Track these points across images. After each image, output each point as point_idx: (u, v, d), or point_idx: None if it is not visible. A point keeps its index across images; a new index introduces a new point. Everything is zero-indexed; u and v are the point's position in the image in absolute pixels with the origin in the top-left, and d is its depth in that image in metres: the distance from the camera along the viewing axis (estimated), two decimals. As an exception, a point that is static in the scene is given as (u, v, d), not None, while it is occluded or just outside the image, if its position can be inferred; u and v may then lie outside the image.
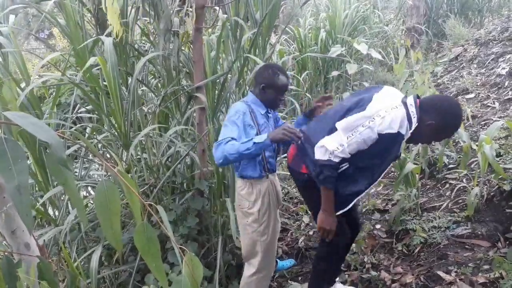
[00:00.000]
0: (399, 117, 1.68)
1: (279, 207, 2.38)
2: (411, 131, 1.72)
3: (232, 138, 1.91)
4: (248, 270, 2.23)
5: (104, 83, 2.30)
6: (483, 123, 3.38)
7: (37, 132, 0.65)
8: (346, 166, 1.83)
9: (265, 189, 2.14)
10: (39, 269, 1.16)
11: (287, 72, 2.23)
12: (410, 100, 1.75)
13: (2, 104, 1.70)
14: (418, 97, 1.83)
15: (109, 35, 2.27)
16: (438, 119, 1.72)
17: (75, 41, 2.26)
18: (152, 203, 0.99)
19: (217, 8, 3.07)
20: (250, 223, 2.15)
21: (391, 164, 2.34)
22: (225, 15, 3.01)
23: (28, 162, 2.32)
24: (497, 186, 2.49)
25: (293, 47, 5.67)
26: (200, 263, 0.94)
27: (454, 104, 1.78)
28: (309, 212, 3.44)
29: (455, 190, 2.78)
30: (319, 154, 1.76)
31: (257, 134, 2.08)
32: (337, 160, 1.75)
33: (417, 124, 1.71)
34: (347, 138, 1.73)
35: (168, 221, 2.30)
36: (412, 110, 1.72)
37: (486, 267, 2.09)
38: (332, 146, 1.73)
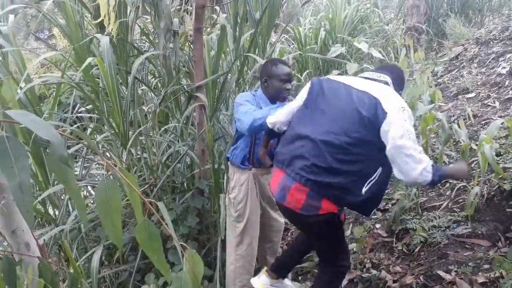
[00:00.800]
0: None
1: (273, 206, 2.39)
2: None
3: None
4: (228, 258, 2.34)
5: (104, 82, 2.30)
6: (483, 122, 3.37)
7: (38, 130, 0.65)
8: (379, 171, 1.66)
9: (245, 179, 2.22)
10: (39, 269, 1.17)
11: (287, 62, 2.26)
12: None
13: (2, 103, 1.70)
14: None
15: (109, 34, 2.27)
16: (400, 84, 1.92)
17: (75, 40, 2.26)
18: (153, 200, 1.00)
19: (217, 8, 3.06)
20: (228, 207, 2.30)
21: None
22: (225, 15, 3.01)
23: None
24: (497, 186, 2.49)
25: (293, 46, 5.67)
26: (201, 260, 0.95)
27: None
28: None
29: (455, 190, 2.78)
30: (422, 177, 1.60)
31: None
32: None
33: None
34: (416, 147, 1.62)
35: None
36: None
37: (486, 266, 2.09)
38: (423, 164, 1.60)
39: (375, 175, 1.65)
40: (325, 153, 1.62)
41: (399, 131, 1.59)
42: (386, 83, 1.81)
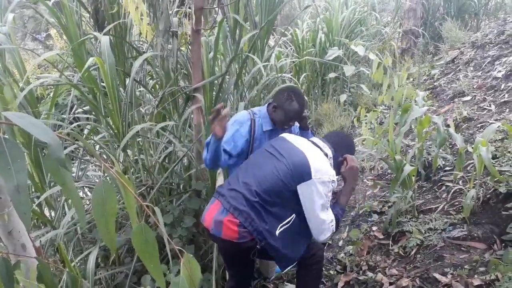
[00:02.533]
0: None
1: None
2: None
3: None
4: None
5: (102, 83, 2.30)
6: (479, 125, 3.39)
7: (36, 133, 0.65)
8: (293, 218, 1.85)
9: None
10: (38, 270, 1.16)
11: (304, 100, 2.24)
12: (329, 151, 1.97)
13: (3, 104, 1.69)
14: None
15: (107, 34, 2.27)
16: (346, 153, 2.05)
17: (74, 41, 2.26)
18: (150, 204, 1.00)
19: (216, 9, 3.07)
20: None
21: (387, 166, 2.34)
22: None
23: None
24: (493, 189, 2.50)
25: (290, 49, 5.69)
26: (198, 264, 0.94)
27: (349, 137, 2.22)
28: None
29: (451, 192, 2.79)
30: (323, 236, 1.88)
31: (249, 147, 2.20)
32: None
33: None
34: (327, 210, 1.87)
35: (166, 223, 2.31)
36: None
37: (482, 269, 2.10)
38: (329, 226, 1.86)
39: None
40: None
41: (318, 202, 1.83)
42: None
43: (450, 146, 3.30)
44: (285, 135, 2.05)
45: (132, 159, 2.55)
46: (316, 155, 1.88)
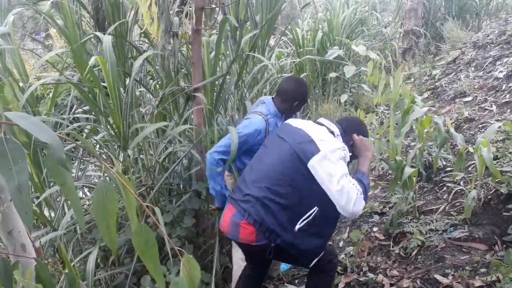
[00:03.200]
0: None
1: None
2: None
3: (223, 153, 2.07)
4: (233, 256, 2.45)
5: (103, 83, 2.29)
6: (480, 126, 3.39)
7: (37, 133, 0.65)
8: (315, 211, 1.72)
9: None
10: (36, 271, 1.16)
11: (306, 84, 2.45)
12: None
13: (4, 104, 1.69)
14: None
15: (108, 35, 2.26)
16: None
17: (73, 41, 2.25)
18: (150, 205, 0.99)
19: (217, 9, 3.06)
20: None
21: (388, 167, 2.32)
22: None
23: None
24: (494, 189, 2.50)
25: (291, 48, 5.68)
26: (198, 265, 0.94)
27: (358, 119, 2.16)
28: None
29: (452, 193, 2.79)
30: (354, 206, 1.68)
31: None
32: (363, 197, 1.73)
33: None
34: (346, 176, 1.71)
35: (166, 223, 2.30)
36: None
37: (483, 270, 2.10)
38: (354, 189, 1.68)
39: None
40: None
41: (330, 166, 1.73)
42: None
43: (452, 146, 3.30)
44: (288, 121, 1.99)
45: (132, 159, 2.54)
46: (319, 131, 1.80)
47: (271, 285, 2.65)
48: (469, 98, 4.02)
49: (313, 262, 1.82)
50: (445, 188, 2.94)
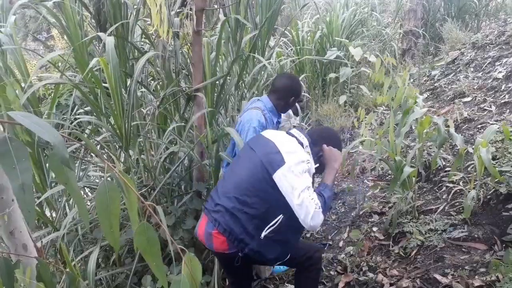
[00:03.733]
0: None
1: None
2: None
3: None
4: None
5: (104, 84, 2.30)
6: (479, 126, 3.40)
7: (40, 132, 0.65)
8: (280, 218, 1.76)
9: None
10: (37, 270, 1.16)
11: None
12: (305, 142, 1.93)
13: (6, 104, 1.69)
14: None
15: (110, 35, 2.27)
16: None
17: (75, 41, 2.26)
18: (152, 204, 1.00)
19: (218, 10, 3.08)
20: None
21: (387, 167, 2.34)
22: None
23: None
24: (493, 189, 2.50)
25: (290, 49, 5.69)
26: (199, 264, 0.95)
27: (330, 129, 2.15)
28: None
29: (451, 193, 2.80)
30: (312, 219, 1.71)
31: None
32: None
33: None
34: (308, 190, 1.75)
35: (168, 225, 2.31)
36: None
37: (482, 270, 2.10)
38: (312, 204, 1.71)
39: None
40: None
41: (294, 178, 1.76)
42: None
43: (451, 147, 3.31)
44: (263, 132, 2.05)
45: (133, 159, 2.55)
46: (288, 142, 1.86)
47: (271, 285, 2.66)
48: (469, 99, 4.03)
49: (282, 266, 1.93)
50: (444, 188, 2.95)
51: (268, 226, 1.75)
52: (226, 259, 1.90)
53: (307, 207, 1.68)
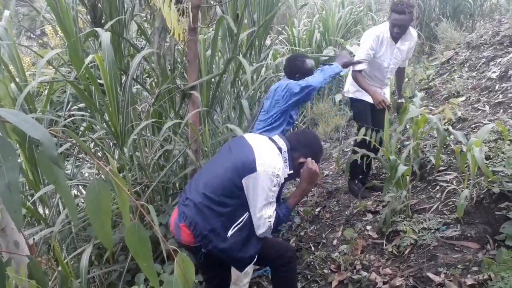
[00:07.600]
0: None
1: None
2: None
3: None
4: None
5: (100, 81, 2.28)
6: (473, 126, 3.41)
7: (28, 130, 0.64)
8: (245, 217, 1.85)
9: None
10: (29, 268, 1.16)
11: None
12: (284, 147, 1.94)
13: (-3, 100, 1.67)
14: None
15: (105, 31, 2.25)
16: (306, 151, 1.97)
17: (71, 37, 2.24)
18: (144, 203, 0.99)
19: (215, 6, 3.06)
20: None
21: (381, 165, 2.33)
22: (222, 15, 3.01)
23: (19, 160, 2.29)
24: (486, 189, 2.52)
25: (287, 48, 5.69)
26: (192, 264, 0.94)
27: (311, 134, 2.11)
28: (300, 213, 3.46)
29: (445, 192, 2.81)
30: (259, 231, 1.85)
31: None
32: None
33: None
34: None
35: (162, 224, 2.30)
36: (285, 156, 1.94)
37: (475, 268, 2.12)
38: (265, 221, 1.82)
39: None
40: None
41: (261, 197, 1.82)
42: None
43: (445, 146, 3.32)
44: (245, 134, 2.08)
45: (128, 157, 2.54)
46: (265, 149, 1.87)
47: (265, 281, 2.67)
48: (463, 98, 4.05)
49: (246, 269, 1.95)
50: (438, 187, 2.96)
51: (234, 225, 1.82)
52: (193, 253, 1.93)
53: (263, 223, 1.82)
